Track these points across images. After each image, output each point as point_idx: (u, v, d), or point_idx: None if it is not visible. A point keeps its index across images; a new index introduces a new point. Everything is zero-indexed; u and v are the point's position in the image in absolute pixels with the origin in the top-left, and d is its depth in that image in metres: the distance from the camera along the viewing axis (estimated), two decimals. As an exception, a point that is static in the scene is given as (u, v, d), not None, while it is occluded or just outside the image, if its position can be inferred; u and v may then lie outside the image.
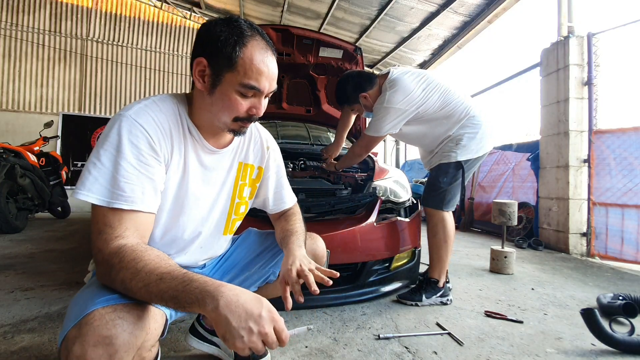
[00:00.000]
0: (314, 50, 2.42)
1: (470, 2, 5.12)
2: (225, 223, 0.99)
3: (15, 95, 5.97)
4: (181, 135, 0.83)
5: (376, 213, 1.82)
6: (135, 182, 0.72)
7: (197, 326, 1.20)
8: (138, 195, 0.72)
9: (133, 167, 0.72)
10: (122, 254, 0.65)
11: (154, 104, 0.80)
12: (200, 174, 0.89)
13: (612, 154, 3.25)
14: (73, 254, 2.76)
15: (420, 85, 1.76)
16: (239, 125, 0.83)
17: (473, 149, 1.81)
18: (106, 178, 0.70)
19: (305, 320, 1.56)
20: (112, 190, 0.70)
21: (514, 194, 4.50)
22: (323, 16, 6.25)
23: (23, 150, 4.09)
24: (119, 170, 0.71)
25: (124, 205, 0.70)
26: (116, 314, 0.61)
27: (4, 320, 1.47)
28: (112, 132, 0.73)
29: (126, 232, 0.70)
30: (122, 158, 0.71)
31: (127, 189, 0.71)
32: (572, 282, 2.36)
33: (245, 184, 1.00)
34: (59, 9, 6.24)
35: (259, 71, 0.76)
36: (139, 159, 0.73)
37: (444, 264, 1.85)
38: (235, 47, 0.75)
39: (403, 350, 1.32)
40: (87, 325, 0.59)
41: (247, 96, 0.79)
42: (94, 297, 0.63)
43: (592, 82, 3.47)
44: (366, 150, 1.93)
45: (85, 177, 0.70)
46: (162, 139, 0.78)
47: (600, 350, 1.36)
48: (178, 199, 0.86)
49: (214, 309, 0.58)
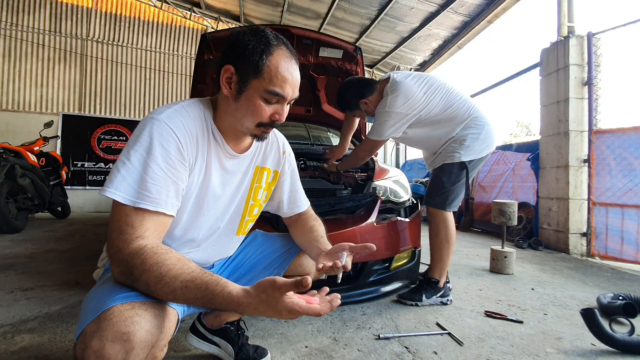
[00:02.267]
0: (314, 50, 2.42)
1: (470, 2, 5.12)
2: (239, 224, 1.02)
3: (15, 95, 5.97)
4: (206, 140, 0.86)
5: (376, 213, 1.82)
6: (161, 185, 0.74)
7: (197, 325, 1.20)
8: (163, 197, 0.74)
9: (161, 170, 0.75)
10: (143, 255, 0.66)
11: (183, 110, 0.83)
12: (220, 176, 0.92)
13: (612, 154, 3.25)
14: (73, 254, 2.76)
15: (421, 89, 1.76)
16: (262, 130, 0.86)
17: (477, 149, 1.81)
18: (134, 178, 0.72)
19: (305, 320, 1.56)
20: (139, 190, 0.72)
21: (514, 194, 4.50)
22: (323, 16, 6.25)
23: (23, 150, 4.09)
24: (148, 172, 0.73)
25: (149, 206, 0.72)
26: (134, 311, 0.62)
27: (4, 320, 1.47)
28: (144, 134, 0.75)
29: (147, 232, 0.71)
30: (152, 160, 0.74)
31: (154, 191, 0.73)
32: (572, 282, 2.36)
33: (261, 187, 1.03)
34: (59, 9, 6.24)
35: (283, 78, 0.80)
36: (167, 162, 0.76)
37: (444, 264, 1.85)
38: (262, 56, 0.79)
39: (403, 350, 1.32)
40: (105, 321, 0.60)
41: (271, 102, 0.82)
42: (112, 293, 0.65)
43: (592, 82, 3.47)
44: (369, 154, 1.95)
45: (114, 176, 0.71)
46: (190, 144, 0.81)
47: (600, 350, 1.36)
48: (199, 201, 0.88)
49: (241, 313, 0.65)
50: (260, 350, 1.20)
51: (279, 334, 1.42)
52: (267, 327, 1.48)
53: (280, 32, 2.33)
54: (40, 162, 4.42)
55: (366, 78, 2.00)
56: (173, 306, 0.73)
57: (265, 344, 1.29)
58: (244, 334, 1.21)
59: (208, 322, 1.19)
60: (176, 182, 0.78)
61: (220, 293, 0.63)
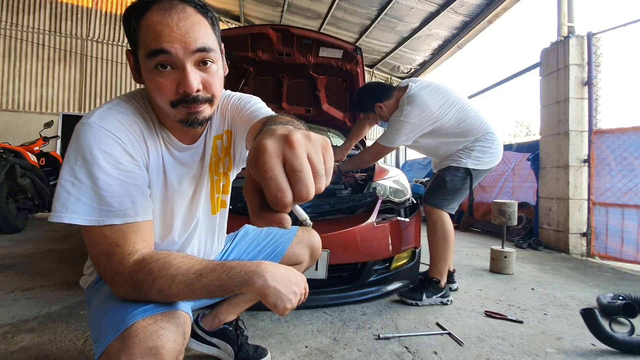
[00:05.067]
0: (314, 50, 2.42)
1: (470, 2, 5.12)
2: (211, 204, 0.94)
3: (15, 95, 5.97)
4: (153, 135, 0.76)
5: (376, 213, 1.82)
6: (122, 194, 0.66)
7: (195, 329, 1.20)
8: (129, 206, 0.67)
9: (114, 179, 0.66)
10: (147, 266, 0.64)
11: (117, 107, 0.72)
12: (179, 172, 0.82)
13: (612, 154, 3.25)
14: (73, 254, 2.76)
15: (437, 102, 1.79)
16: (184, 111, 0.69)
17: (484, 160, 1.86)
18: (88, 196, 0.64)
19: (305, 320, 1.56)
20: (99, 207, 0.64)
21: (514, 194, 4.50)
22: (323, 16, 6.25)
23: (23, 150, 4.08)
24: (100, 185, 0.64)
25: (117, 220, 0.65)
26: (158, 325, 0.61)
27: (4, 320, 1.47)
28: (81, 144, 0.65)
29: (135, 246, 0.67)
30: (99, 171, 0.64)
31: (116, 203, 0.65)
32: (572, 282, 2.36)
33: (219, 158, 0.90)
34: (59, 9, 6.24)
35: (157, 33, 0.63)
36: (118, 168, 0.66)
37: (444, 262, 1.85)
38: (135, 23, 0.66)
39: (403, 350, 1.32)
40: (131, 338, 0.59)
41: (163, 70, 0.65)
42: (128, 308, 0.63)
43: (592, 82, 3.47)
44: (375, 159, 1.97)
45: (65, 199, 0.63)
46: (135, 142, 0.71)
47: (600, 350, 1.36)
48: (164, 204, 0.81)
49: (263, 284, 0.64)
50: (260, 350, 1.20)
51: (279, 334, 1.42)
52: (267, 327, 1.48)
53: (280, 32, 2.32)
54: (40, 162, 4.42)
55: (385, 83, 2.04)
56: (186, 310, 0.71)
57: (265, 344, 1.29)
58: (243, 334, 1.21)
59: (206, 324, 1.19)
60: (137, 185, 0.70)
61: (236, 264, 0.65)
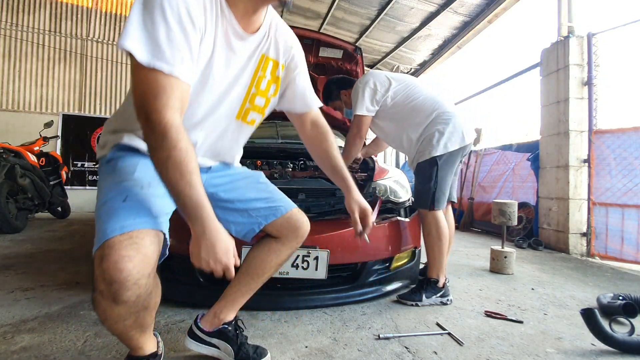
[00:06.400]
0: (314, 50, 2.42)
1: (470, 2, 5.12)
2: (239, 109, 1.01)
3: (15, 95, 5.96)
4: (214, 13, 0.82)
5: (376, 213, 1.82)
6: (176, 48, 0.72)
7: (195, 330, 1.19)
8: (178, 61, 0.72)
9: (173, 32, 0.72)
10: (178, 134, 0.71)
11: None
12: (225, 55, 0.89)
13: (612, 154, 3.25)
14: (73, 254, 2.76)
15: (386, 73, 2.03)
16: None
17: (443, 143, 1.84)
18: (150, 37, 0.70)
19: (305, 320, 1.56)
20: (153, 51, 0.70)
21: (514, 194, 4.50)
22: (323, 16, 6.25)
23: (23, 150, 4.08)
24: (160, 32, 0.70)
25: (165, 67, 0.70)
26: (133, 240, 0.75)
27: (4, 320, 1.47)
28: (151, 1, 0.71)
29: (176, 103, 0.72)
30: (162, 20, 0.70)
31: (168, 54, 0.71)
32: (572, 282, 2.36)
33: (264, 77, 1.00)
34: (59, 9, 6.24)
35: None
36: (180, 24, 0.73)
37: (440, 262, 1.85)
38: None
39: (403, 350, 1.32)
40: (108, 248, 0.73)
41: None
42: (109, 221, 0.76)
43: (592, 82, 3.47)
44: (358, 132, 1.99)
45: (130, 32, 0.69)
46: (198, 11, 0.77)
47: (600, 350, 1.36)
48: (203, 77, 0.86)
49: (200, 232, 0.75)
50: (260, 350, 1.20)
51: (279, 334, 1.42)
52: (267, 327, 1.48)
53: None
54: (40, 162, 4.42)
55: (347, 77, 2.32)
56: (161, 229, 0.82)
57: (265, 344, 1.29)
58: (242, 333, 1.21)
59: (205, 325, 1.18)
60: (190, 48, 0.75)
61: (207, 205, 0.75)
